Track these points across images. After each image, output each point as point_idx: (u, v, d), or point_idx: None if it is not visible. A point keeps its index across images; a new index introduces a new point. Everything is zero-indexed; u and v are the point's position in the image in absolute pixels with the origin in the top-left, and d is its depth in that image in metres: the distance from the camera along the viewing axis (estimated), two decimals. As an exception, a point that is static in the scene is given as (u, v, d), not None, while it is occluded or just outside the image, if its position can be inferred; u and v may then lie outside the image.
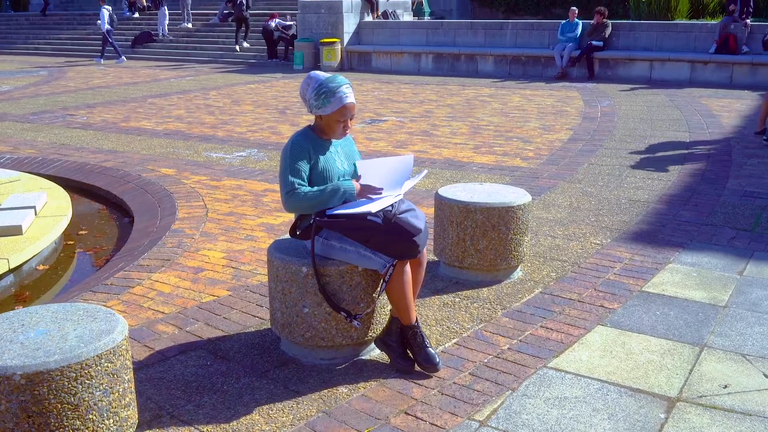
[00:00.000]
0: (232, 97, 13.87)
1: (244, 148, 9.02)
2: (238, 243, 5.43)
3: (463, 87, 14.97)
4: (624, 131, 9.74)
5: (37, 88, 15.90)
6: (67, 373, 2.48)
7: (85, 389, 2.53)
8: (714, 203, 6.33)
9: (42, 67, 20.97)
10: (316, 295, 3.41)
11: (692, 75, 14.66)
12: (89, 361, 2.53)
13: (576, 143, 9.04)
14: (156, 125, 10.82)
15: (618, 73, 15.39)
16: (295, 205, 3.34)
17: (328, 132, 3.45)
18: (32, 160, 8.61)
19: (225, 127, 10.61)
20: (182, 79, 17.11)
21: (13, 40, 27.08)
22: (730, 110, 11.29)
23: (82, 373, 2.51)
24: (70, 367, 2.48)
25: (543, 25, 16.95)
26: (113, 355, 2.62)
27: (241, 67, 20.12)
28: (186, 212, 6.26)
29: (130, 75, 18.34)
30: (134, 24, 25.62)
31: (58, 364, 2.46)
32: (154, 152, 8.87)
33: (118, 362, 2.65)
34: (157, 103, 13.17)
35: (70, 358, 2.49)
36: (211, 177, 7.56)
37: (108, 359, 2.59)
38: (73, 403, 2.51)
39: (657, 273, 4.73)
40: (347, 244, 3.35)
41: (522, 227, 4.55)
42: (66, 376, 2.48)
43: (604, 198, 6.55)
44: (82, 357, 2.51)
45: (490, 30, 17.36)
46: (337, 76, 3.42)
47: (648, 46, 15.41)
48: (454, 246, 4.55)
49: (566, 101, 12.65)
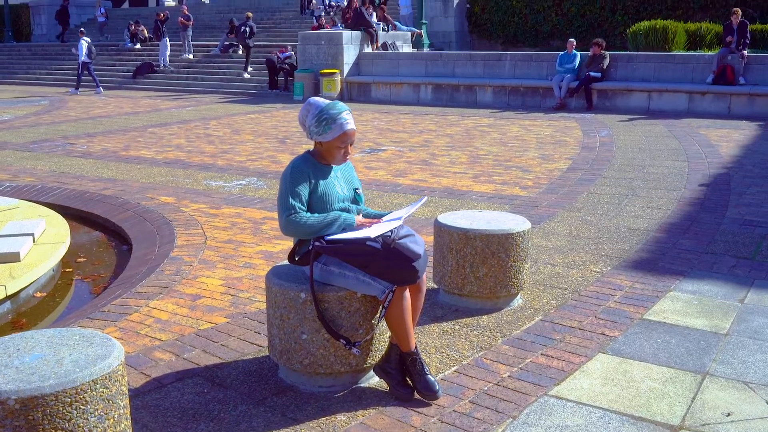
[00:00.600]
0: (232, 127, 13.93)
1: (244, 177, 9.03)
2: (237, 270, 5.40)
3: (462, 117, 15.04)
4: (623, 161, 9.76)
5: (38, 117, 15.97)
6: (62, 398, 2.44)
7: (79, 415, 2.49)
8: (714, 232, 6.32)
9: (43, 96, 21.09)
10: (315, 322, 3.39)
11: (690, 105, 14.75)
12: (84, 386, 2.49)
13: (575, 172, 9.06)
14: (156, 154, 10.84)
15: (616, 104, 15.48)
16: (293, 229, 3.33)
17: (329, 158, 3.46)
18: (31, 187, 8.61)
19: (225, 156, 10.64)
20: (183, 109, 17.20)
21: (15, 70, 27.27)
22: (728, 140, 11.33)
23: (77, 398, 2.47)
24: (65, 392, 2.44)
25: (541, 56, 17.08)
26: (109, 380, 2.58)
27: (242, 97, 20.24)
28: (185, 240, 6.24)
29: (131, 105, 18.44)
30: (135, 55, 25.82)
31: (53, 388, 2.43)
32: (153, 180, 8.87)
33: (114, 388, 2.61)
34: (157, 133, 13.22)
35: (65, 382, 2.46)
36: (210, 205, 7.56)
37: (103, 384, 2.56)
38: (68, 429, 2.47)
39: (658, 301, 4.70)
40: (346, 270, 3.33)
41: (522, 254, 4.53)
42: (61, 401, 2.44)
43: (603, 226, 6.54)
44: (77, 382, 2.48)
45: (488, 61, 17.50)
46: (337, 103, 3.43)
47: (646, 77, 15.51)
48: (453, 273, 4.53)
49: (565, 131, 12.70)
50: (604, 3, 21.21)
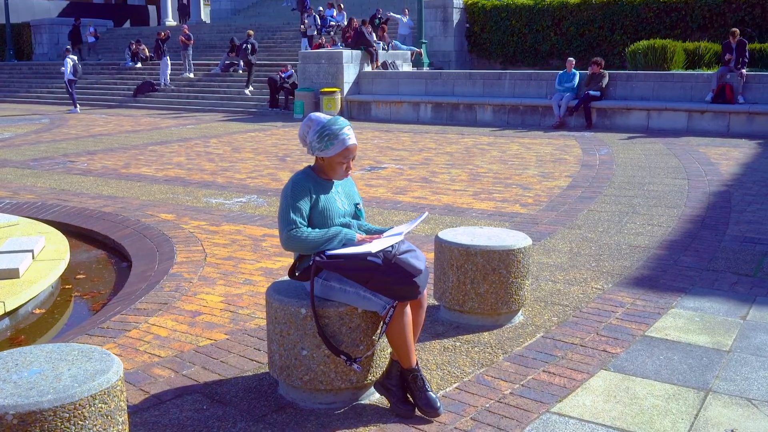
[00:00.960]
0: (232, 145, 13.95)
1: (244, 194, 9.03)
2: (237, 287, 5.38)
3: (462, 135, 15.07)
4: (623, 178, 9.77)
5: (39, 135, 16.00)
6: (60, 414, 2.42)
7: (78, 430, 2.46)
8: (715, 249, 6.31)
9: (44, 114, 21.15)
10: (315, 338, 3.37)
11: (689, 124, 14.78)
12: (83, 401, 2.47)
13: (575, 190, 9.06)
14: (156, 171, 10.85)
15: (615, 122, 15.52)
16: (294, 244, 3.32)
17: (330, 173, 3.45)
18: (31, 205, 8.60)
19: (225, 173, 10.64)
20: (183, 128, 17.24)
21: (16, 88, 27.37)
22: (728, 158, 11.34)
23: (75, 413, 2.45)
24: (64, 407, 2.42)
25: (541, 75, 17.15)
26: (107, 396, 2.56)
27: (242, 115, 20.29)
28: (184, 257, 6.23)
29: (132, 123, 18.48)
30: (136, 74, 25.93)
31: (51, 404, 2.41)
32: (153, 198, 8.87)
33: (113, 403, 2.59)
34: (157, 150, 13.24)
35: (63, 398, 2.44)
36: (210, 222, 7.55)
37: (102, 400, 2.54)
38: (66, 446, 2.45)
39: (659, 318, 4.68)
40: (347, 285, 3.32)
41: (522, 271, 4.52)
42: (59, 416, 2.42)
43: (604, 243, 6.53)
44: (76, 397, 2.46)
45: (488, 80, 17.57)
46: (339, 118, 3.43)
47: (645, 96, 15.57)
48: (454, 289, 4.52)
49: (564, 149, 12.72)
50: (603, 23, 21.33)
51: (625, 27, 20.91)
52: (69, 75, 21.25)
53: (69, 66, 21.17)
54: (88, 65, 27.67)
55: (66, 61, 21.31)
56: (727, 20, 19.33)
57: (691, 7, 19.95)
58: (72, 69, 21.23)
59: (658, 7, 20.44)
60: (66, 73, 21.28)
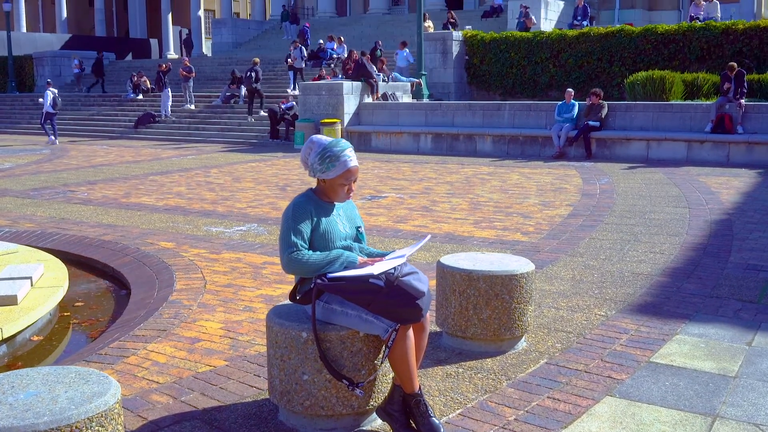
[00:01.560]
0: (233, 175, 13.96)
1: (244, 223, 9.01)
2: (236, 314, 5.33)
3: (462, 165, 15.09)
4: (624, 207, 9.75)
5: (39, 165, 16.03)
6: (56, 437, 2.37)
7: (74, 455, 2.41)
8: (718, 276, 6.27)
9: (45, 146, 21.19)
10: (316, 362, 3.32)
11: (689, 154, 14.81)
12: (80, 423, 2.42)
13: (576, 218, 9.04)
14: (156, 201, 10.84)
15: (615, 153, 15.56)
16: (295, 267, 3.29)
17: (331, 195, 3.43)
18: (31, 233, 8.57)
19: (225, 202, 10.63)
20: (184, 158, 17.28)
21: (17, 119, 27.49)
22: (728, 187, 11.34)
23: (71, 436, 2.40)
24: (60, 429, 2.37)
25: (540, 106, 17.23)
26: (105, 418, 2.51)
27: (243, 146, 20.35)
28: (184, 284, 6.18)
29: (132, 154, 18.52)
30: (137, 105, 26.06)
31: (47, 425, 2.36)
32: (153, 226, 8.84)
33: (110, 426, 2.54)
34: (158, 180, 13.25)
35: (59, 420, 2.39)
36: (210, 250, 7.52)
37: (99, 423, 2.49)
38: (61, 469, 2.39)
39: (664, 344, 4.62)
40: (349, 308, 3.28)
41: (525, 296, 4.48)
42: (55, 439, 2.37)
43: (606, 271, 6.49)
44: (72, 419, 2.41)
45: (488, 111, 17.64)
46: (340, 141, 3.42)
47: (644, 126, 15.62)
48: (456, 315, 4.47)
49: (565, 179, 12.73)
50: (601, 54, 21.48)
51: (624, 59, 21.04)
52: (48, 107, 21.49)
53: (49, 98, 21.40)
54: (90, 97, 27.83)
55: (46, 94, 21.56)
56: (724, 51, 19.46)
57: (689, 39, 20.10)
58: (51, 101, 21.43)
59: (656, 39, 20.60)
60: (45, 105, 21.50)
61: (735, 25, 19.70)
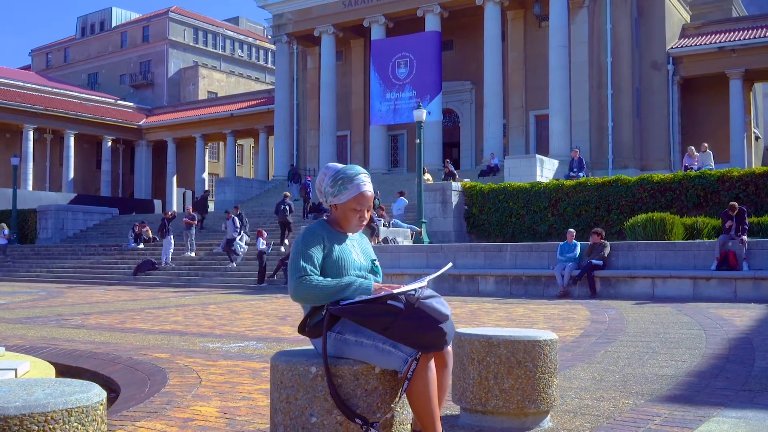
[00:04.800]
0: (231, 309, 13.65)
1: (243, 341, 8.63)
2: (234, 401, 4.93)
3: (465, 303, 14.79)
4: (636, 329, 9.41)
5: (35, 302, 15.73)
6: (28, 425, 2.03)
7: (47, 451, 2.05)
8: (746, 376, 5.89)
9: (42, 289, 20.95)
10: (326, 401, 2.96)
11: (695, 291, 14.58)
12: (56, 414, 2.08)
13: (589, 338, 8.68)
14: (152, 326, 10.49)
15: (620, 291, 15.33)
16: (303, 292, 3.01)
17: (344, 223, 3.22)
18: (20, 347, 8.17)
19: (223, 327, 10.28)
20: (182, 297, 17.01)
21: (16, 268, 27.38)
22: (741, 316, 11.03)
23: (45, 427, 2.06)
24: (33, 416, 2.04)
25: (542, 246, 17.20)
26: (85, 416, 2.17)
27: (243, 290, 20.12)
28: (178, 381, 5.79)
29: (130, 295, 18.25)
30: (138, 254, 26.06)
31: (18, 410, 2.03)
32: (147, 343, 8.47)
33: (91, 428, 2.19)
34: (154, 313, 12.92)
35: (33, 406, 2.06)
36: (207, 359, 7.13)
37: (79, 419, 2.14)
38: (31, 466, 2.02)
39: (702, 423, 4.23)
40: (364, 338, 2.97)
41: (550, 366, 4.13)
42: (26, 428, 2.03)
43: (628, 373, 6.10)
44: (49, 408, 2.08)
45: (489, 252, 17.59)
46: (355, 166, 3.26)
47: (648, 265, 15.49)
48: (476, 387, 4.10)
49: (572, 311, 12.42)
50: (599, 203, 21.77)
51: (621, 207, 21.30)
52: None
53: None
54: (90, 246, 27.91)
55: None
56: (721, 198, 19.72)
57: (685, 187, 20.44)
58: None
59: (652, 188, 20.95)
60: None
61: (730, 172, 20.12)
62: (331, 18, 39.79)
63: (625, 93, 34.36)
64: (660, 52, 34.99)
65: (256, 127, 49.72)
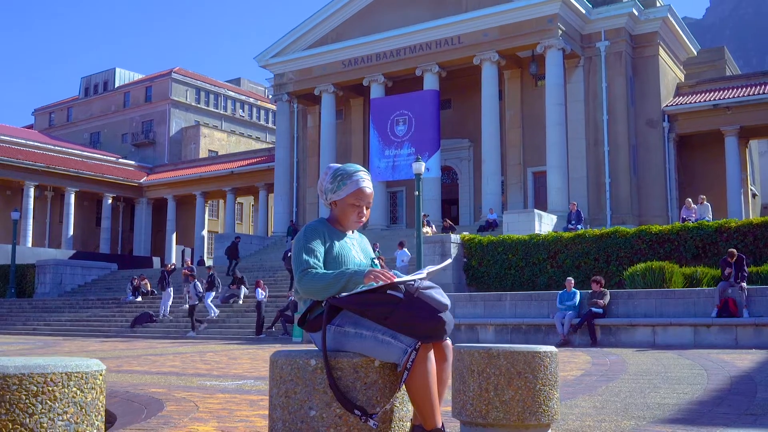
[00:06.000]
0: (228, 356, 13.54)
1: (241, 379, 8.56)
2: (232, 423, 4.87)
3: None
4: (637, 369, 9.34)
5: (31, 350, 15.62)
6: (27, 385, 2.03)
7: (45, 412, 2.05)
8: (748, 404, 5.84)
9: (39, 340, 20.78)
10: (325, 394, 2.95)
11: (696, 338, 14.49)
12: (55, 377, 2.08)
13: (591, 376, 8.61)
14: (149, 368, 10.41)
15: (621, 339, 15.23)
16: (308, 284, 3.02)
17: (343, 220, 3.26)
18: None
19: (221, 370, 10.20)
20: (179, 347, 16.88)
21: (13, 321, 27.20)
22: (742, 360, 10.94)
23: (45, 389, 2.06)
24: (32, 376, 2.04)
25: (541, 295, 17.15)
26: (84, 382, 2.17)
27: (241, 341, 19.96)
28: (175, 407, 5.73)
29: (126, 345, 18.10)
30: (136, 307, 25.93)
31: (18, 370, 2.03)
32: (144, 381, 8.39)
33: (90, 396, 2.18)
34: (151, 359, 12.81)
35: (33, 367, 2.06)
36: (204, 393, 7.06)
37: (78, 384, 2.14)
38: (28, 427, 2.02)
39: (706, 438, 4.18)
40: (363, 329, 2.98)
41: (550, 379, 4.10)
42: (25, 388, 2.03)
43: (630, 402, 6.05)
44: (48, 370, 2.08)
45: (489, 301, 17.53)
46: (355, 165, 3.31)
47: (648, 313, 15.43)
48: (476, 399, 4.06)
49: (572, 357, 12.32)
50: (598, 255, 21.76)
51: (620, 258, 21.27)
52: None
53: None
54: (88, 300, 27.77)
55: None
56: (720, 249, 19.70)
57: (683, 238, 20.47)
58: None
59: (651, 239, 20.98)
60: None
61: (728, 223, 20.18)
62: (332, 77, 40.43)
63: (621, 150, 34.70)
64: (655, 110, 35.47)
65: (256, 184, 50.03)
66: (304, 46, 41.32)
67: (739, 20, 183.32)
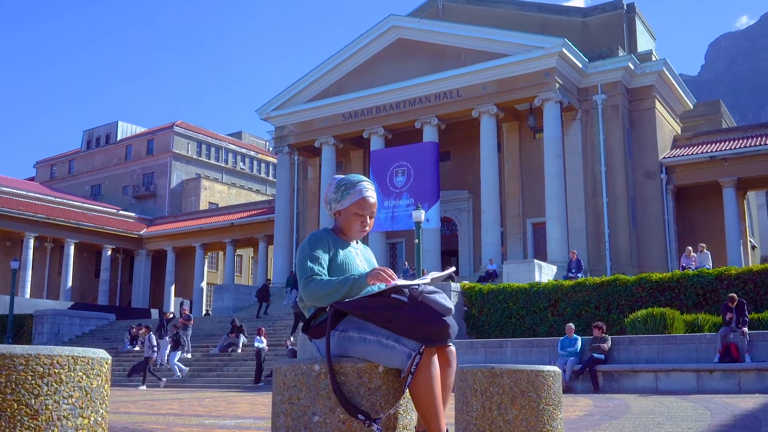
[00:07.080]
0: (227, 401, 13.39)
1: (240, 419, 8.47)
2: (232, 449, 4.82)
3: (466, 397, 14.51)
4: (640, 411, 9.24)
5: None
6: (33, 366, 2.03)
7: (51, 394, 2.05)
8: (756, 436, 5.78)
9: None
10: (329, 399, 2.94)
11: (699, 384, 14.36)
12: (62, 359, 2.09)
13: (593, 416, 8.53)
14: (147, 411, 10.29)
15: (623, 385, 15.08)
16: (313, 291, 3.04)
17: (346, 229, 3.29)
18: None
19: (220, 412, 10.10)
20: (178, 393, 16.70)
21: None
22: (746, 402, 10.84)
23: (51, 371, 2.06)
24: (39, 357, 2.05)
25: (542, 342, 17.05)
26: (90, 368, 2.17)
27: (239, 389, 19.75)
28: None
29: (124, 392, 17.91)
30: (133, 356, 25.71)
31: (25, 350, 2.04)
32: (143, 420, 8.30)
33: (95, 382, 2.18)
34: (148, 403, 12.67)
35: (40, 349, 2.07)
36: (203, 429, 6.98)
37: (84, 369, 2.15)
38: (33, 408, 2.01)
39: (711, 460, 4.13)
40: (368, 334, 2.99)
41: (554, 399, 4.08)
42: (31, 368, 2.03)
43: (633, 435, 5.99)
44: (55, 352, 2.09)
45: (489, 348, 17.42)
46: (359, 175, 3.36)
47: (650, 359, 15.32)
48: (479, 418, 4.03)
49: (574, 402, 12.19)
50: (599, 303, 21.67)
51: (621, 306, 21.18)
52: None
53: None
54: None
55: None
56: (720, 296, 19.62)
57: (684, 286, 20.42)
58: None
59: (651, 287, 20.92)
60: None
61: (728, 270, 20.17)
62: (332, 130, 40.84)
63: (620, 201, 34.86)
64: (653, 162, 35.75)
65: (256, 236, 50.08)
66: (305, 99, 41.84)
67: (734, 77, 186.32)
